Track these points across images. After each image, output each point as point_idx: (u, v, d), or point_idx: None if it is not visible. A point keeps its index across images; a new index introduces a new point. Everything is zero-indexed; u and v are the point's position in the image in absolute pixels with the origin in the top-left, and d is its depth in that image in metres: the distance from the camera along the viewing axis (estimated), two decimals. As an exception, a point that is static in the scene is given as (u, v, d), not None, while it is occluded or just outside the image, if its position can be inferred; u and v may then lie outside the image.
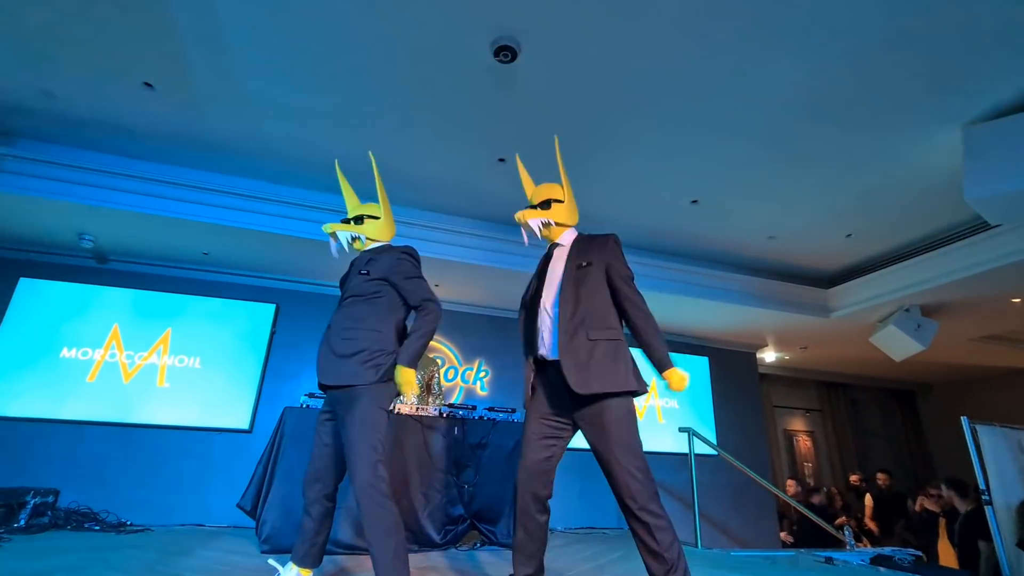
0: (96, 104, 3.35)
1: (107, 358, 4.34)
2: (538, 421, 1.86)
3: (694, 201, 4.25)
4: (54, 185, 3.68)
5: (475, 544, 3.25)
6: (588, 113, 3.28)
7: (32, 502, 3.35)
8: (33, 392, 4.12)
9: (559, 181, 2.17)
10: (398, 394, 1.97)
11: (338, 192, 4.12)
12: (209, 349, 4.59)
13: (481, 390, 5.45)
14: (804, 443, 8.30)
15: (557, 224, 2.06)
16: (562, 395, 1.81)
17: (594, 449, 1.72)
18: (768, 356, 7.21)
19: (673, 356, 6.83)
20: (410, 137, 3.60)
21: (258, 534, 2.92)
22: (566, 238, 2.08)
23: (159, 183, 3.85)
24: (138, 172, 3.79)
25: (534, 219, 2.03)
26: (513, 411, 3.84)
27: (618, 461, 1.65)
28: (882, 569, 3.30)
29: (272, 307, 4.88)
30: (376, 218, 2.30)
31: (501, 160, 3.81)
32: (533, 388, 1.94)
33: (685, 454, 4.26)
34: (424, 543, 3.06)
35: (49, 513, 3.47)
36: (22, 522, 3.26)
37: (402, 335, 2.07)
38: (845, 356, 7.18)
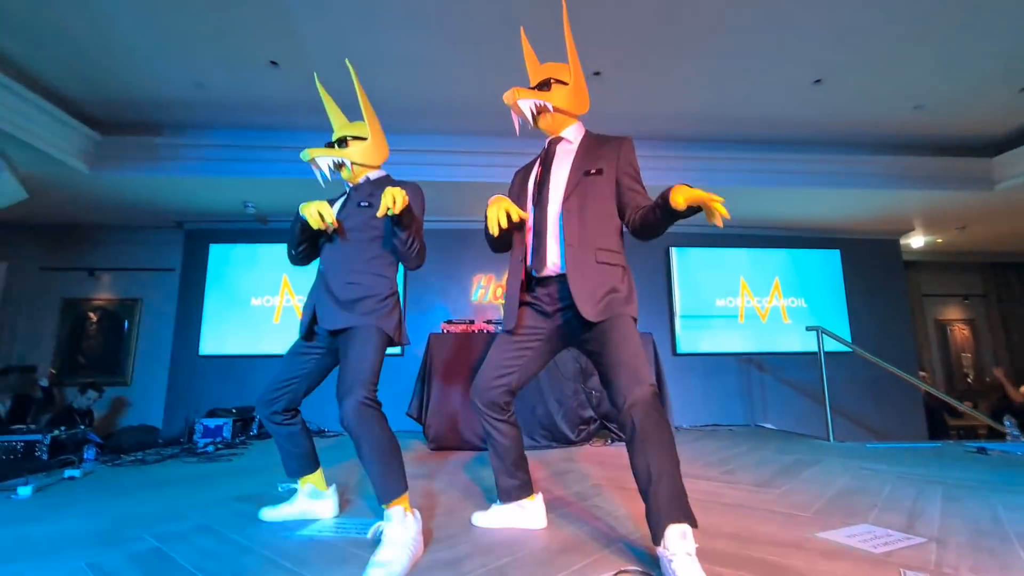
0: (235, 88, 3.83)
1: (284, 303, 5.27)
2: (513, 342, 1.65)
3: (817, 81, 3.82)
4: (218, 165, 4.36)
5: (606, 441, 3.63)
6: (693, 3, 3.04)
7: (259, 417, 4.36)
8: (238, 334, 5.20)
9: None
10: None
11: (442, 131, 4.44)
12: (359, 289, 5.34)
13: (597, 304, 5.68)
14: (960, 332, 7.50)
15: (557, 110, 1.64)
16: (548, 314, 1.62)
17: (598, 364, 1.52)
18: (915, 241, 6.45)
19: (799, 252, 6.47)
20: (503, 67, 3.63)
21: (425, 435, 3.55)
22: (572, 133, 1.70)
23: (295, 149, 4.36)
24: (278, 143, 4.33)
25: (526, 100, 1.60)
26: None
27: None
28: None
29: (402, 247, 5.45)
30: (363, 139, 1.94)
31: (596, 74, 3.72)
32: (520, 305, 1.66)
33: (815, 353, 4.18)
34: (561, 441, 3.50)
35: (271, 424, 4.50)
36: (254, 431, 4.28)
37: (396, 271, 1.86)
38: (1016, 231, 6.18)
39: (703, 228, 5.88)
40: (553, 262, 1.57)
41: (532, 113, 1.62)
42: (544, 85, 1.67)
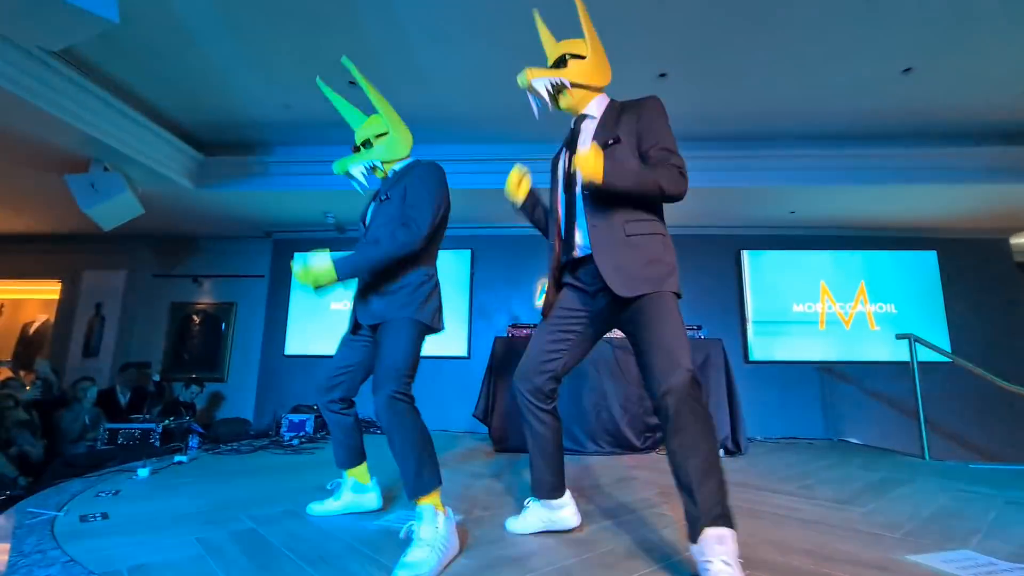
0: (318, 107, 4.12)
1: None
2: (552, 328, 1.63)
3: (907, 70, 3.55)
4: (302, 179, 4.71)
5: (674, 449, 3.55)
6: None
7: (317, 404, 4.66)
8: (319, 336, 5.59)
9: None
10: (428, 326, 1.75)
11: (507, 139, 4.53)
12: (426, 293, 5.57)
13: (664, 309, 5.56)
14: (1090, 343, 6.60)
15: (575, 86, 1.57)
16: (590, 295, 1.59)
17: (635, 345, 1.46)
18: (1030, 240, 5.78)
19: (887, 254, 6.05)
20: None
21: (491, 437, 3.63)
22: (595, 107, 1.62)
23: (369, 162, 4.64)
24: (354, 156, 4.61)
25: (541, 79, 1.54)
26: (699, 327, 3.92)
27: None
28: None
29: (468, 252, 5.61)
30: (383, 134, 1.94)
31: (662, 75, 3.67)
32: (556, 288, 1.66)
33: (906, 362, 3.86)
34: (626, 447, 3.46)
35: (347, 421, 4.79)
36: (333, 427, 4.57)
37: (433, 257, 1.85)
38: None
39: (777, 230, 5.60)
40: (580, 244, 1.55)
41: (549, 93, 1.56)
42: (560, 62, 1.61)
